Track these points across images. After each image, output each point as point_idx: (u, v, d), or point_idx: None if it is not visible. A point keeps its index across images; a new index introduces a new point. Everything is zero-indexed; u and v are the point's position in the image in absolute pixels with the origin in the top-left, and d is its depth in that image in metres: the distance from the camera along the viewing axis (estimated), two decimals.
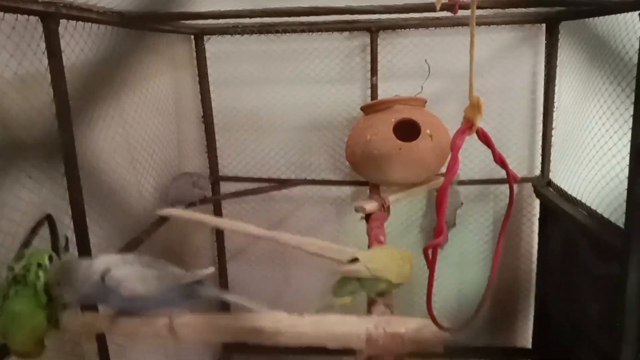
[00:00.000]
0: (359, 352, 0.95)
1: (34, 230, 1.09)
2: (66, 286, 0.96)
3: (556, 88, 1.87)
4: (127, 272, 0.99)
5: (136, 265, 1.01)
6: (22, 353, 0.97)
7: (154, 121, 1.74)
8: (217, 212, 2.19)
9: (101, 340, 1.25)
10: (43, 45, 1.14)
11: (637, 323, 1.19)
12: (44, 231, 1.12)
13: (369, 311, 1.05)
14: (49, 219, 1.12)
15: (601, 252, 1.45)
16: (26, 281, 0.97)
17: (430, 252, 0.72)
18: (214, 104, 2.09)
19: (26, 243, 1.07)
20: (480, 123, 0.72)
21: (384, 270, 1.04)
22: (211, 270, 1.06)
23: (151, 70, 1.74)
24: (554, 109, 1.89)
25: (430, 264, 0.73)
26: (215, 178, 2.13)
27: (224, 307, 2.20)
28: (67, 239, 1.17)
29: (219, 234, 2.24)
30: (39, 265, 1.00)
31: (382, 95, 1.98)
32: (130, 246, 1.48)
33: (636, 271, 1.19)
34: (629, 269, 1.20)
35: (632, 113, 1.18)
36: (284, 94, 2.07)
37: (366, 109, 1.83)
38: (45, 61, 1.15)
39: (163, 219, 1.68)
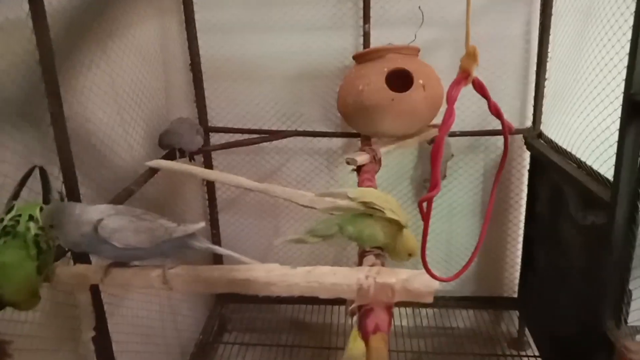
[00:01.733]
0: (349, 301, 0.97)
1: (22, 182, 1.07)
2: (57, 229, 0.96)
3: (550, 38, 1.84)
4: (119, 222, 0.99)
5: (128, 216, 1.01)
6: (16, 303, 0.98)
7: (141, 69, 1.70)
8: (208, 164, 2.17)
9: (95, 291, 1.26)
10: None
11: (620, 273, 1.22)
12: (36, 185, 1.11)
13: (359, 263, 1.06)
14: (41, 171, 1.10)
15: (589, 204, 1.46)
16: (15, 232, 0.96)
17: (425, 205, 0.72)
18: (201, 52, 2.04)
19: (15, 195, 1.05)
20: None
21: (375, 201, 1.04)
22: (202, 225, 1.07)
23: (136, 16, 1.68)
24: (548, 59, 1.87)
25: (425, 217, 0.73)
26: (205, 128, 2.11)
27: (217, 259, 2.23)
28: (60, 193, 1.16)
29: (209, 185, 2.24)
30: (30, 217, 0.99)
31: (375, 43, 1.94)
32: (120, 197, 1.47)
33: (622, 222, 1.21)
34: (615, 220, 1.21)
35: (626, 64, 1.16)
36: (274, 41, 2.02)
37: (358, 58, 1.80)
38: (26, 6, 1.10)
39: (153, 170, 1.66)
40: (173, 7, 1.97)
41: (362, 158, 1.61)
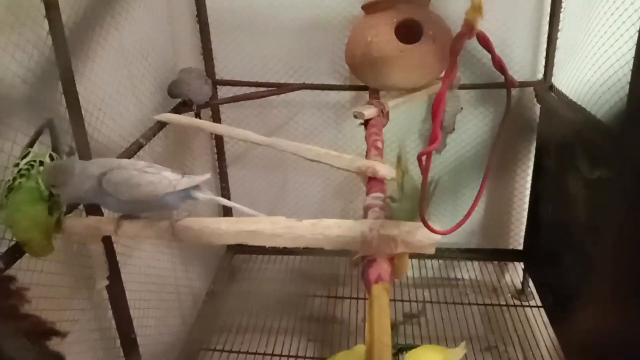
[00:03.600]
0: (352, 252, 0.99)
1: (37, 133, 1.11)
2: (61, 186, 0.99)
3: None
4: (123, 176, 1.01)
5: (131, 169, 1.03)
6: (29, 243, 1.02)
7: (147, 23, 1.68)
8: (215, 117, 2.18)
9: (107, 241, 1.30)
10: None
11: (619, 227, 1.23)
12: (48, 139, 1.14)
13: (364, 216, 1.08)
14: (50, 123, 1.14)
15: (594, 157, 1.46)
16: (29, 175, 1.01)
17: (424, 158, 0.73)
18: (208, 3, 2.00)
19: (31, 143, 1.09)
20: (483, 25, 0.70)
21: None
22: (207, 176, 1.09)
23: None
24: (561, 10, 1.82)
25: (424, 171, 0.74)
26: (212, 81, 2.10)
27: (226, 211, 2.27)
28: (71, 147, 1.19)
29: (218, 139, 2.25)
30: (41, 162, 1.04)
31: None
32: (129, 151, 1.49)
33: (625, 176, 1.21)
34: (619, 174, 1.21)
35: None
36: None
37: (367, 8, 1.76)
38: None
39: (162, 124, 1.67)
40: None
41: (370, 112, 1.60)
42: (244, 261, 2.43)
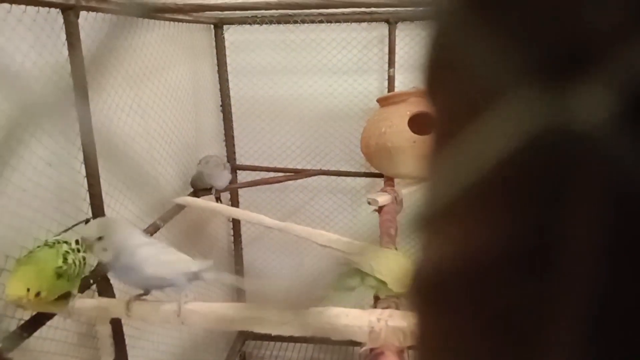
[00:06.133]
0: (362, 343, 0.97)
1: (70, 227, 1.16)
2: (105, 240, 1.01)
3: None
4: (152, 252, 1.05)
5: (159, 246, 1.08)
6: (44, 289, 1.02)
7: (173, 110, 1.78)
8: (234, 200, 2.22)
9: (116, 323, 1.30)
10: (63, 36, 1.17)
11: None
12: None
13: (374, 305, 1.07)
14: (87, 222, 1.19)
15: None
16: (53, 245, 1.04)
17: None
18: (232, 93, 2.12)
19: (63, 231, 1.14)
20: None
21: (386, 274, 1.04)
22: (211, 262, 1.13)
23: (170, 60, 1.76)
24: None
25: None
26: (233, 166, 2.17)
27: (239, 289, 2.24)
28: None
29: (235, 221, 2.28)
30: (65, 242, 1.07)
31: (399, 87, 1.98)
32: (147, 232, 1.51)
33: None
34: None
35: None
36: (301, 84, 2.08)
37: (382, 101, 1.84)
38: (65, 52, 1.18)
39: (180, 206, 1.71)
40: (206, 52, 2.07)
41: (383, 199, 1.62)
42: (255, 347, 2.37)
